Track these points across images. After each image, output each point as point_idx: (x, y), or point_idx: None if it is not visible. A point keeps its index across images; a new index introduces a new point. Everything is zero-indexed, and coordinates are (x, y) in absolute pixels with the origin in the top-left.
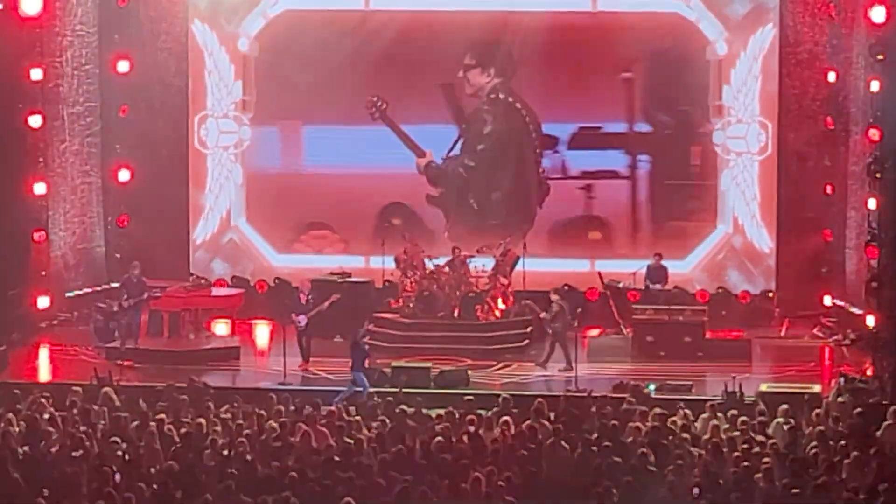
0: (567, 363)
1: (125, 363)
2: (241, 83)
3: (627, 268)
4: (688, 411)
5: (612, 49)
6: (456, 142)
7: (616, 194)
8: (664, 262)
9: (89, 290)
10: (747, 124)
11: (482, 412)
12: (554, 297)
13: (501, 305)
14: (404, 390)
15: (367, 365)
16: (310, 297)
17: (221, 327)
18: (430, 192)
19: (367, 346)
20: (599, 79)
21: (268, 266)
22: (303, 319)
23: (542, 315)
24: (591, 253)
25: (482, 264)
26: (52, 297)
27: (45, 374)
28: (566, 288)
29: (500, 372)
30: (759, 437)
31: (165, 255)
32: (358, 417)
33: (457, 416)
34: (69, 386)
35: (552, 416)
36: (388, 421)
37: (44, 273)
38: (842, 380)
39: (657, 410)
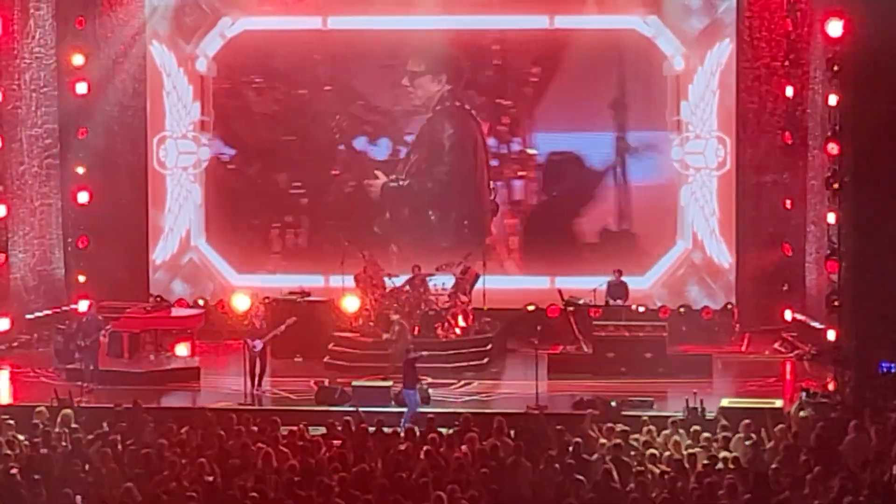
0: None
1: (86, 387)
2: (200, 103)
3: (588, 284)
4: (651, 427)
5: (569, 64)
6: (409, 157)
7: (573, 210)
8: (624, 279)
9: (49, 311)
10: (705, 139)
11: (443, 430)
12: (395, 317)
13: (462, 323)
14: (365, 409)
15: (419, 382)
16: (263, 321)
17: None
18: (380, 219)
19: (417, 363)
20: (556, 93)
21: (228, 286)
22: (258, 344)
23: (384, 336)
24: (551, 270)
25: (442, 282)
26: (12, 319)
27: (5, 396)
28: (531, 308)
29: (460, 390)
30: (722, 453)
31: (125, 275)
32: (319, 437)
33: (418, 434)
34: (30, 408)
35: (513, 433)
36: (348, 440)
37: (3, 295)
38: (803, 394)
39: (619, 427)
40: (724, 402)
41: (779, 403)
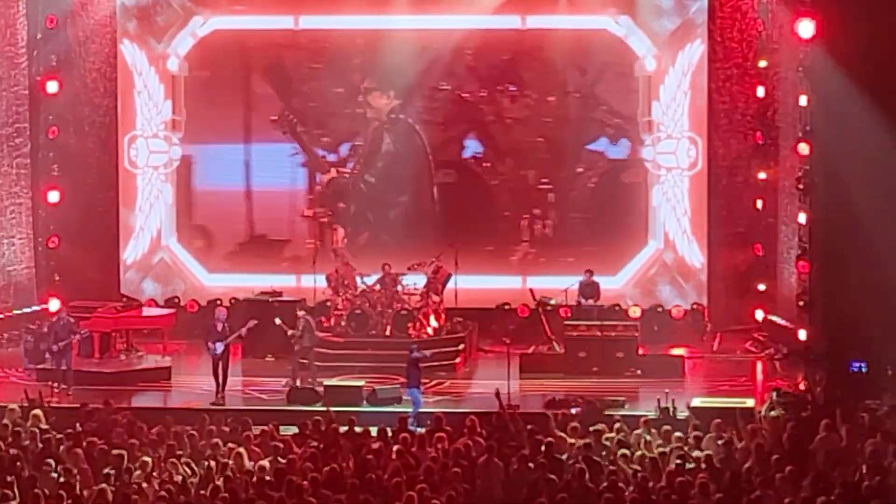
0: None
1: (61, 389)
2: (171, 103)
3: (559, 284)
4: (623, 425)
5: (540, 66)
6: (357, 159)
7: (546, 210)
8: (596, 278)
9: (19, 311)
10: (677, 140)
11: (415, 430)
12: (301, 313)
13: (434, 323)
14: (337, 409)
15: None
16: (226, 324)
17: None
18: (339, 206)
19: (421, 363)
20: (526, 96)
21: (199, 286)
22: (219, 346)
23: (290, 332)
24: (523, 269)
25: (413, 282)
26: None
27: None
28: (506, 307)
29: (432, 389)
30: (694, 453)
31: (96, 275)
32: (290, 437)
33: (389, 434)
34: (0, 408)
35: (485, 432)
36: (320, 440)
37: None
38: (774, 394)
39: (592, 427)
40: (696, 402)
41: (750, 403)
